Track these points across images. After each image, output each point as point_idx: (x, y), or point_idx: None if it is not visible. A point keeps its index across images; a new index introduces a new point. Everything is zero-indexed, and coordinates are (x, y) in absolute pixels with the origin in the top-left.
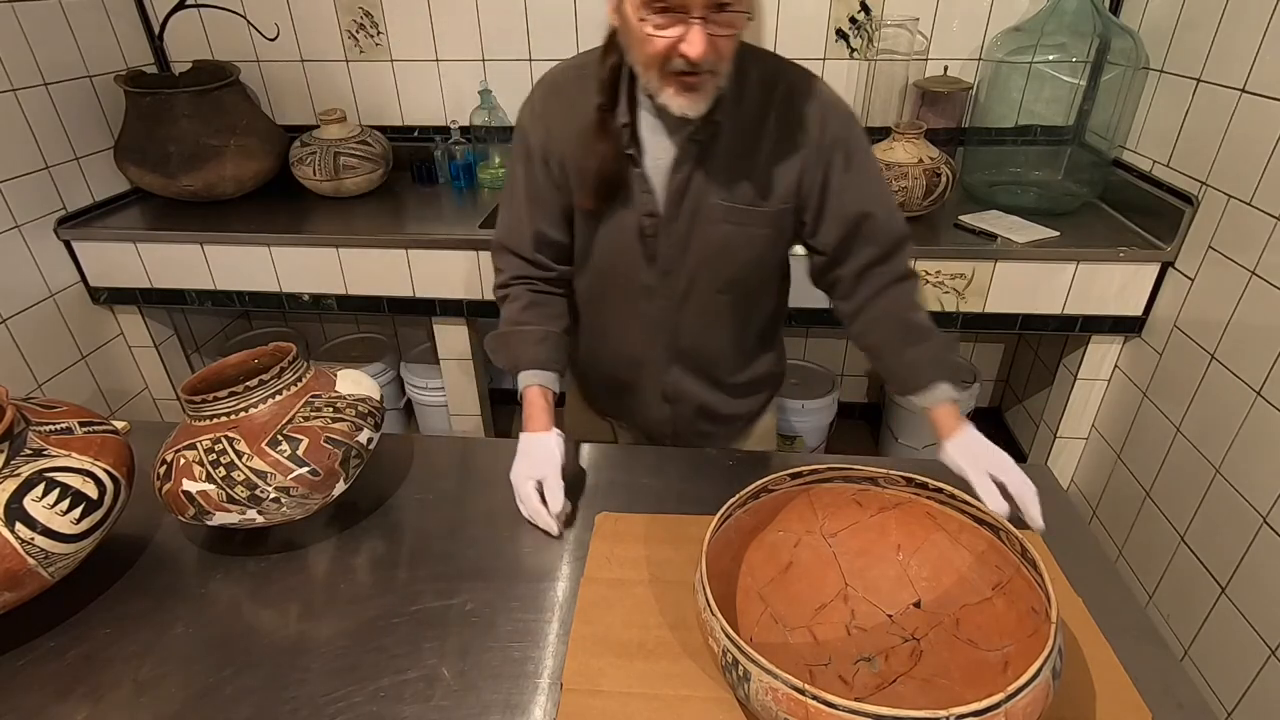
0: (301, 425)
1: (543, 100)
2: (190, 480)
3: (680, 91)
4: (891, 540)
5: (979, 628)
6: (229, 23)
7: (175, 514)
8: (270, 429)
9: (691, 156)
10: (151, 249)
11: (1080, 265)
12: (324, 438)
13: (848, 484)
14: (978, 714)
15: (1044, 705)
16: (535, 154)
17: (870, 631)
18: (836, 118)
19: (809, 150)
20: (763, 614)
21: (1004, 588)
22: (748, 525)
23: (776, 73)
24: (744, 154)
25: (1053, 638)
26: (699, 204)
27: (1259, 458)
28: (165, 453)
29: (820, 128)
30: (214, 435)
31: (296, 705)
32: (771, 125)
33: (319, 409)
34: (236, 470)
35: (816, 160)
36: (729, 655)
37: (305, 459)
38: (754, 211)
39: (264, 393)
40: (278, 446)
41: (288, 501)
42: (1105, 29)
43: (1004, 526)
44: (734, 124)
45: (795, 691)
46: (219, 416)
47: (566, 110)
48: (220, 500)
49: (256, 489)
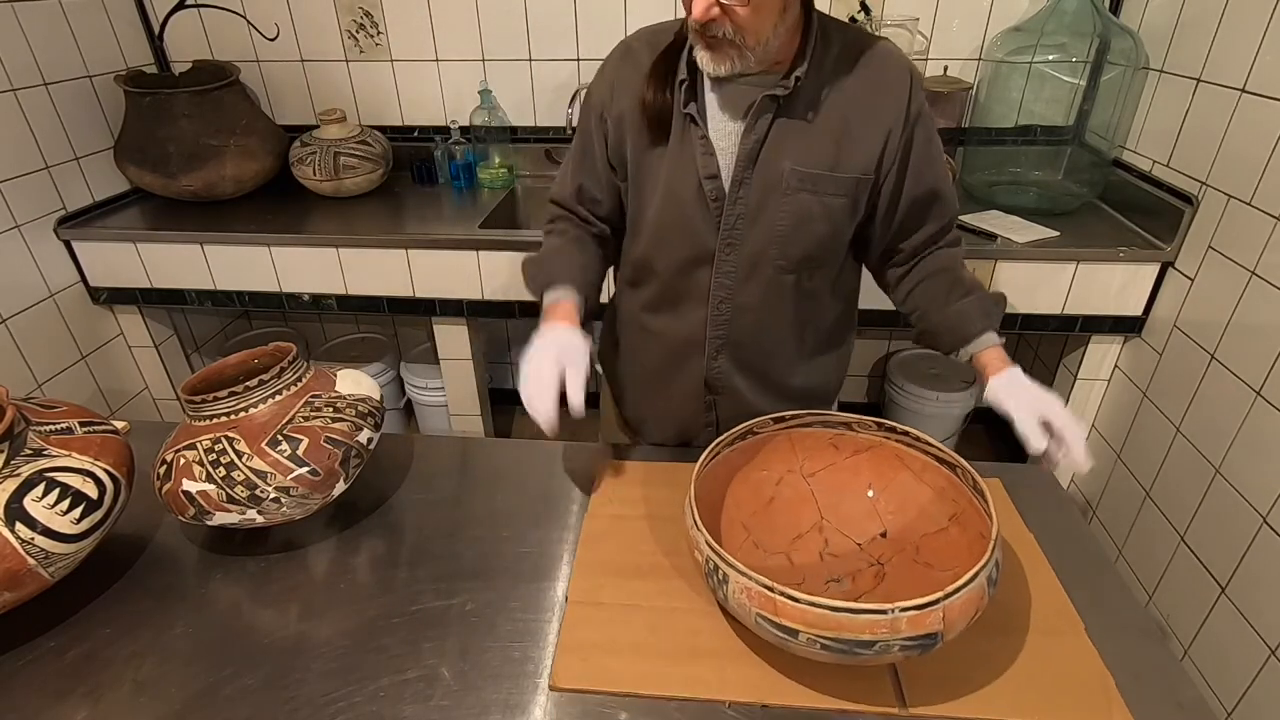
0: (301, 425)
1: (614, 61)
2: (190, 480)
3: (704, 48)
4: (864, 479)
5: (936, 553)
6: (229, 23)
7: (175, 514)
8: (270, 429)
9: (766, 121)
10: (151, 249)
11: (1080, 265)
12: (324, 437)
13: (826, 429)
14: (919, 608)
15: (979, 606)
16: (594, 111)
17: (841, 557)
18: (921, 91)
19: (896, 120)
20: (745, 540)
21: (958, 518)
22: (735, 463)
23: (861, 41)
24: (824, 119)
25: (989, 551)
26: (771, 170)
27: (1259, 458)
28: (165, 453)
29: (909, 98)
30: (214, 435)
31: (296, 705)
32: (856, 92)
33: (319, 409)
34: (236, 470)
35: (902, 131)
36: (710, 563)
37: (305, 459)
38: (832, 178)
39: (264, 393)
40: (278, 446)
41: (288, 501)
42: (1105, 29)
43: (960, 464)
44: (814, 89)
45: (765, 589)
46: (219, 416)
47: (633, 71)
48: (220, 500)
49: (256, 489)
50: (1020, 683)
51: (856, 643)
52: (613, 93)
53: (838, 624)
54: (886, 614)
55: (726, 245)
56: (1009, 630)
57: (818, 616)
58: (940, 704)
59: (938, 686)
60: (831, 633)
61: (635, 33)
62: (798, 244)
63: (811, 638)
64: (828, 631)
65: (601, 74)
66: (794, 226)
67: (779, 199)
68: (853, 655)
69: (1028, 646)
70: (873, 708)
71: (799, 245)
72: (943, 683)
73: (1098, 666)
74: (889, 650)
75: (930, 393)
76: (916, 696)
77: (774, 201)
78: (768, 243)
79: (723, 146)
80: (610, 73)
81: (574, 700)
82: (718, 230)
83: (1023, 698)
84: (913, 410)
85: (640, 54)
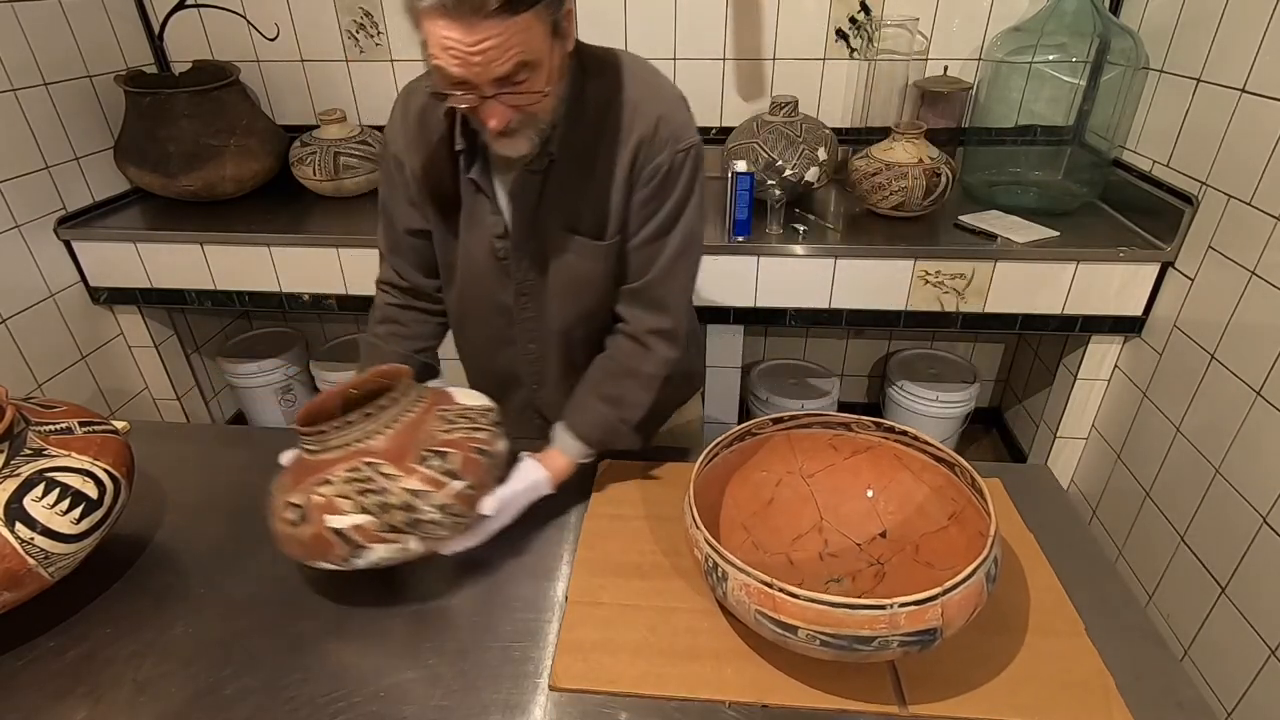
0: (445, 439)
1: (397, 112)
2: (337, 516)
3: (497, 139)
4: (863, 480)
5: (935, 551)
6: (229, 23)
7: (316, 561)
8: (412, 446)
9: (533, 187)
10: (151, 249)
11: (1080, 265)
12: (471, 448)
13: (824, 429)
14: (918, 603)
15: (978, 602)
16: (388, 158)
17: (840, 557)
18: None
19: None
20: (745, 540)
21: (958, 517)
22: (734, 463)
23: (613, 91)
24: (580, 184)
25: (988, 548)
26: (546, 233)
27: (1259, 458)
28: (287, 497)
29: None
30: (348, 465)
31: (296, 705)
32: (603, 151)
33: (453, 420)
34: (390, 495)
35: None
36: (710, 560)
37: (459, 473)
38: (591, 245)
39: (395, 411)
40: (427, 462)
41: (446, 521)
42: (1105, 29)
43: (958, 462)
44: (569, 152)
45: (764, 585)
46: (348, 445)
47: (416, 123)
48: (376, 530)
49: (415, 511)
50: (1020, 682)
51: (855, 638)
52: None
53: (836, 620)
54: (885, 609)
55: (522, 296)
56: (1009, 630)
57: (816, 612)
58: (940, 703)
59: (938, 686)
60: (830, 628)
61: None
62: (578, 302)
63: (810, 634)
64: (826, 627)
65: (390, 121)
66: (571, 285)
67: (557, 257)
68: (852, 651)
69: (1027, 646)
70: (873, 707)
71: (579, 303)
72: (943, 682)
73: (1098, 666)
74: (888, 646)
75: (930, 393)
76: (916, 696)
77: (555, 260)
78: (556, 294)
79: (505, 206)
80: (398, 122)
81: (574, 700)
82: (512, 283)
83: (1022, 698)
84: (913, 410)
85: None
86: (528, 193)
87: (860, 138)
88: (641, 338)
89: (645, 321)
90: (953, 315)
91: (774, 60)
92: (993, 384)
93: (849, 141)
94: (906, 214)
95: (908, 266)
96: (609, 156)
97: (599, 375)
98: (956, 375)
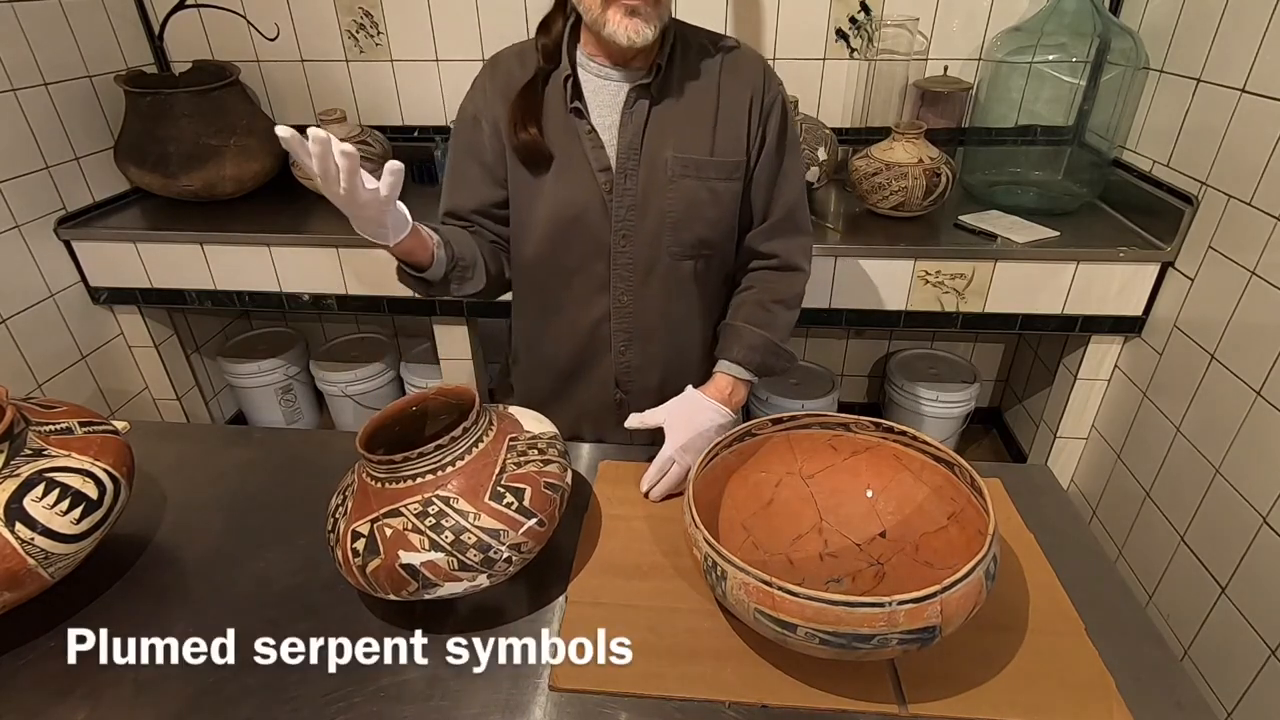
0: (517, 473)
1: (483, 76)
2: (411, 552)
3: (625, 15)
4: (863, 481)
5: (935, 551)
6: (229, 23)
7: (386, 594)
8: (486, 482)
9: (641, 112)
10: (151, 249)
11: (1080, 265)
12: (543, 484)
13: (824, 430)
14: (917, 601)
15: (977, 600)
16: (471, 121)
17: (840, 557)
18: (775, 82)
19: (755, 103)
20: (744, 540)
21: (957, 516)
22: (733, 464)
23: (716, 39)
24: (695, 109)
25: (987, 545)
26: (653, 160)
27: (1259, 458)
28: (354, 525)
29: (764, 85)
30: (420, 498)
31: (296, 705)
32: (719, 82)
33: (524, 452)
34: (466, 533)
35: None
36: (709, 559)
37: (533, 509)
38: (710, 163)
39: (467, 442)
40: (502, 500)
41: (517, 560)
42: (1105, 29)
43: (958, 462)
44: (681, 78)
45: (763, 584)
46: (421, 476)
47: (504, 80)
48: (451, 569)
49: (490, 550)
50: (1020, 682)
51: (855, 636)
52: (486, 100)
53: (836, 617)
54: (884, 607)
55: (621, 236)
56: (1009, 630)
57: (816, 610)
58: (940, 703)
59: (937, 686)
60: (829, 626)
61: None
62: (688, 230)
63: (810, 632)
64: (826, 625)
65: (471, 88)
66: (682, 213)
67: (663, 186)
68: (851, 649)
69: (1027, 646)
70: (873, 706)
71: (690, 230)
72: (942, 682)
73: (1098, 666)
74: (887, 644)
75: (930, 393)
76: (916, 696)
77: (658, 189)
78: (659, 230)
79: (605, 140)
80: (480, 83)
81: (574, 700)
82: (610, 222)
83: (1022, 697)
84: (913, 410)
85: (506, 63)
86: (637, 115)
87: (860, 138)
88: (795, 263)
89: (796, 244)
90: (953, 315)
91: (774, 60)
92: (993, 384)
93: (849, 141)
94: (906, 214)
95: (908, 266)
96: (722, 87)
97: (747, 309)
98: (956, 375)
